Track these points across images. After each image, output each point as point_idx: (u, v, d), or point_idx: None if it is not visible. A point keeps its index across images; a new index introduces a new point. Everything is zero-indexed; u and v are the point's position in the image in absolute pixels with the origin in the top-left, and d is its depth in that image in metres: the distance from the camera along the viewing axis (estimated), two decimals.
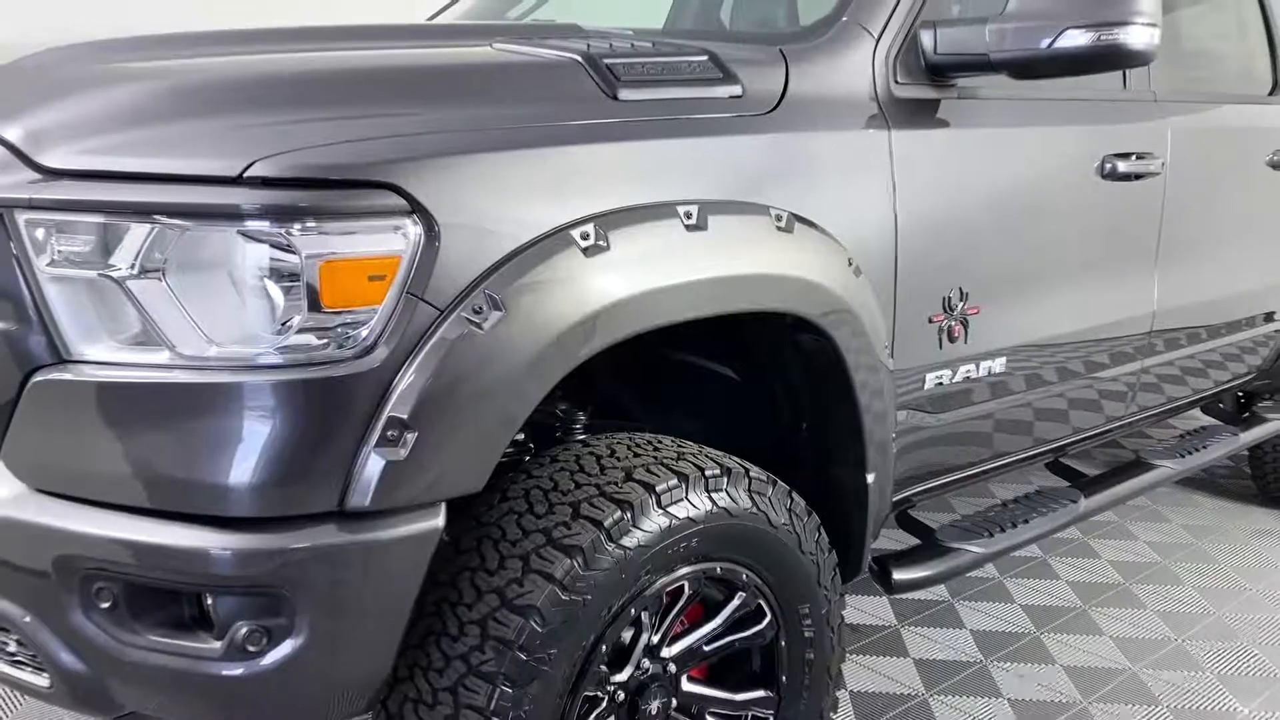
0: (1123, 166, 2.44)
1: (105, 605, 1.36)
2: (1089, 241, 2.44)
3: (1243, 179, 3.00)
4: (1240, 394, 3.71)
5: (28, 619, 1.41)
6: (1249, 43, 3.24)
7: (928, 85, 2.03)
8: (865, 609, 3.03)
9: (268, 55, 1.64)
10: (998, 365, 2.22)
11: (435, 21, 2.59)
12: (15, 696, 2.41)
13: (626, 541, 1.53)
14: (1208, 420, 3.56)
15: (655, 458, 1.66)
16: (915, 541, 2.35)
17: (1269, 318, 3.38)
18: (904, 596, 3.10)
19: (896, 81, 1.98)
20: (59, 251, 1.33)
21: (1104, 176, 2.42)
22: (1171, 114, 2.65)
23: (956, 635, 2.91)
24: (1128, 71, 2.55)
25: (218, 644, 1.35)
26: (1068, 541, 3.59)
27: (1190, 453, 3.02)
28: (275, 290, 1.30)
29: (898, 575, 2.17)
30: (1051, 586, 3.24)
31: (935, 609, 3.06)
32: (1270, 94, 3.22)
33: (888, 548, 2.30)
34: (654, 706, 1.72)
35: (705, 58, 1.76)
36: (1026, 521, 2.42)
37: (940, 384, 2.11)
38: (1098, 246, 2.47)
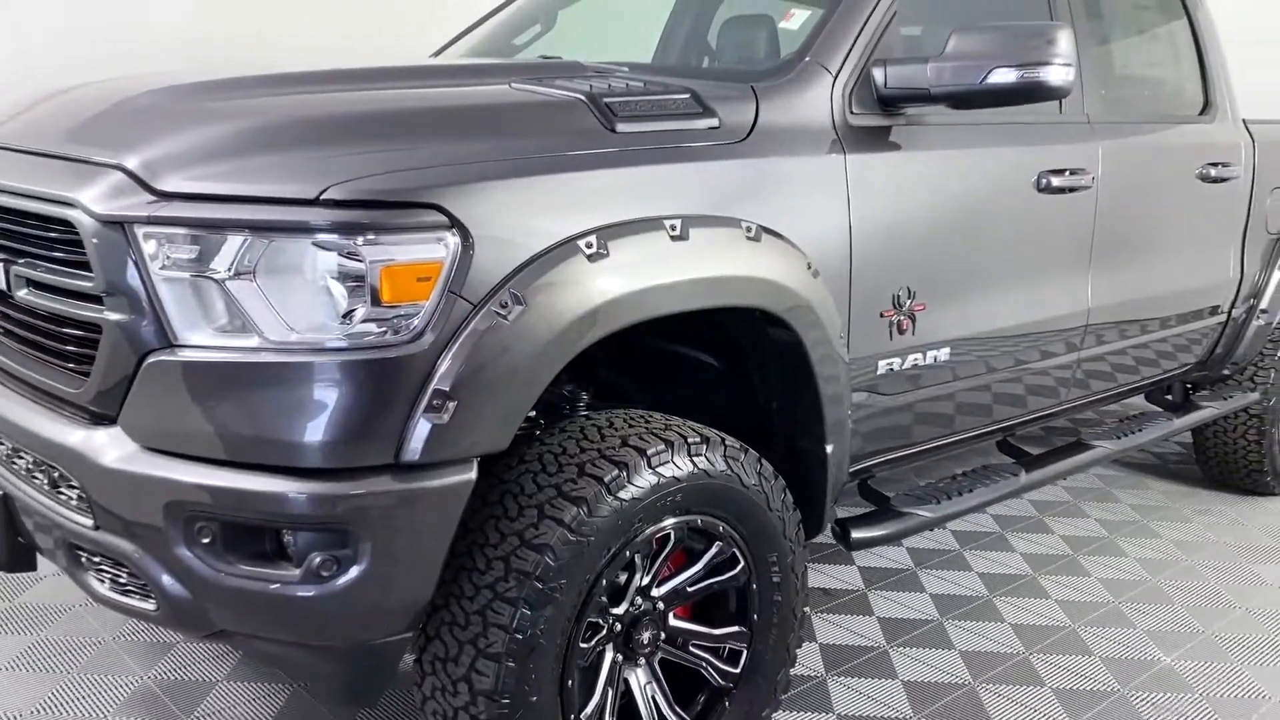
0: (1056, 181, 2.80)
1: (205, 541, 1.70)
2: (1026, 246, 2.79)
3: (1173, 191, 3.35)
4: (1188, 384, 4.07)
5: (140, 554, 1.75)
6: (1182, 68, 3.59)
7: (879, 114, 2.38)
8: (837, 575, 3.38)
9: (333, 95, 1.99)
10: (942, 354, 2.57)
11: (458, 60, 2.92)
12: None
13: (623, 494, 1.87)
14: (1148, 407, 3.92)
15: (646, 428, 2.00)
16: (874, 508, 2.70)
17: (1214, 311, 3.73)
18: (873, 565, 3.46)
19: (852, 112, 2.34)
20: (169, 258, 1.67)
21: (1039, 190, 2.77)
22: (1102, 135, 3.00)
23: (917, 598, 3.26)
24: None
25: (296, 571, 1.69)
26: (1024, 518, 3.95)
27: (1126, 435, 3.37)
28: (344, 289, 1.64)
29: (856, 534, 2.52)
30: (1005, 557, 3.59)
31: (900, 575, 3.41)
32: (1200, 114, 3.57)
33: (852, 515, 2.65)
34: (645, 637, 2.07)
35: (688, 95, 2.11)
36: (972, 491, 2.78)
37: (891, 370, 2.46)
38: (1034, 251, 2.82)
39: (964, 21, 2.41)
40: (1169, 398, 4.03)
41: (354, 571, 1.68)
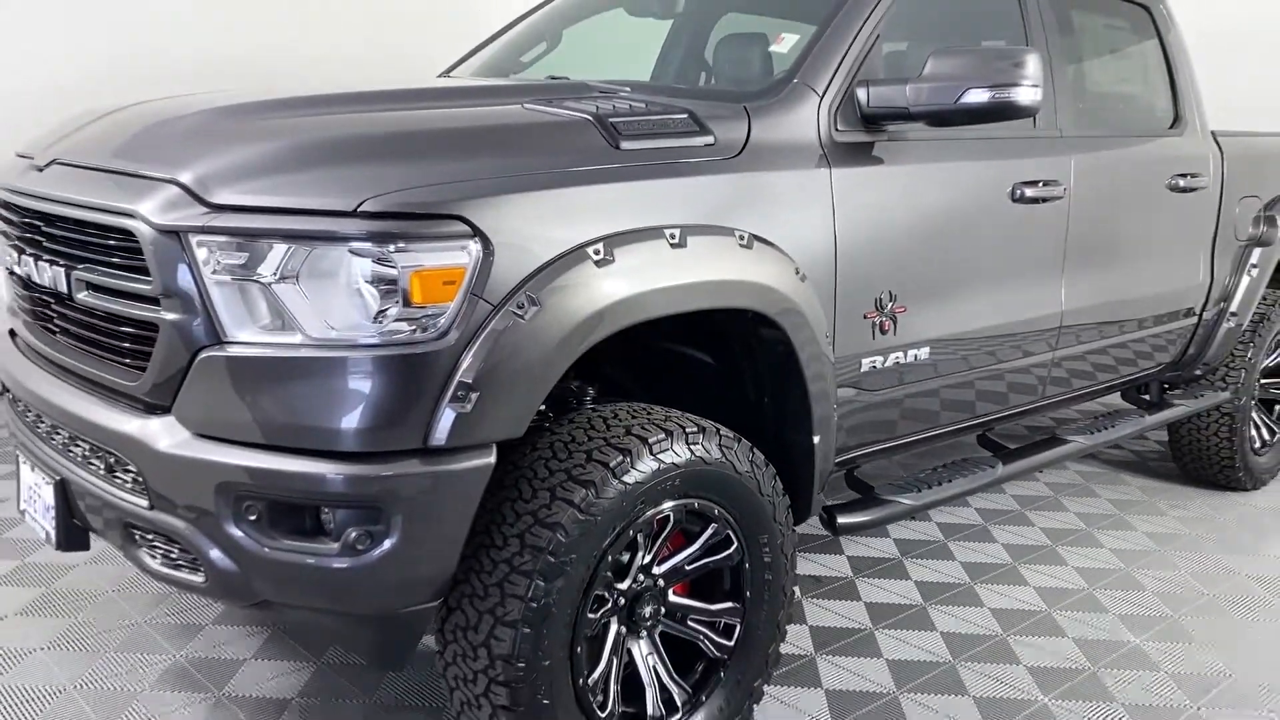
0: (1030, 192, 2.99)
1: (252, 518, 1.89)
2: (1001, 253, 2.99)
3: (1144, 200, 3.55)
4: (1165, 384, 4.26)
5: (191, 531, 1.94)
6: (1152, 84, 3.79)
7: (862, 131, 2.58)
8: (827, 564, 3.57)
9: (365, 115, 2.18)
10: (922, 353, 2.77)
11: (475, 82, 3.10)
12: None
13: (626, 478, 2.06)
14: (1122, 404, 4.11)
15: (648, 419, 2.19)
16: (859, 496, 2.89)
17: (1186, 314, 3.93)
18: (861, 555, 3.65)
19: (837, 129, 2.53)
20: (220, 263, 1.86)
21: (1014, 200, 2.97)
22: (1074, 148, 3.20)
23: (902, 585, 3.45)
24: (1038, 114, 3.09)
25: (334, 545, 1.87)
26: (1006, 512, 4.14)
27: (1099, 431, 3.57)
28: (378, 291, 1.83)
29: (841, 520, 2.71)
30: (987, 548, 3.78)
31: (886, 564, 3.60)
32: (1170, 128, 3.77)
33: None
34: (647, 611, 2.26)
35: (686, 115, 2.30)
36: (951, 481, 2.97)
37: (874, 368, 2.66)
38: (1009, 257, 3.01)
39: (943, 41, 2.61)
40: (1146, 397, 4.23)
41: (386, 545, 1.86)
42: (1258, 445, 4.50)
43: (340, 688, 2.72)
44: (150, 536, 2.05)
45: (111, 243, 1.99)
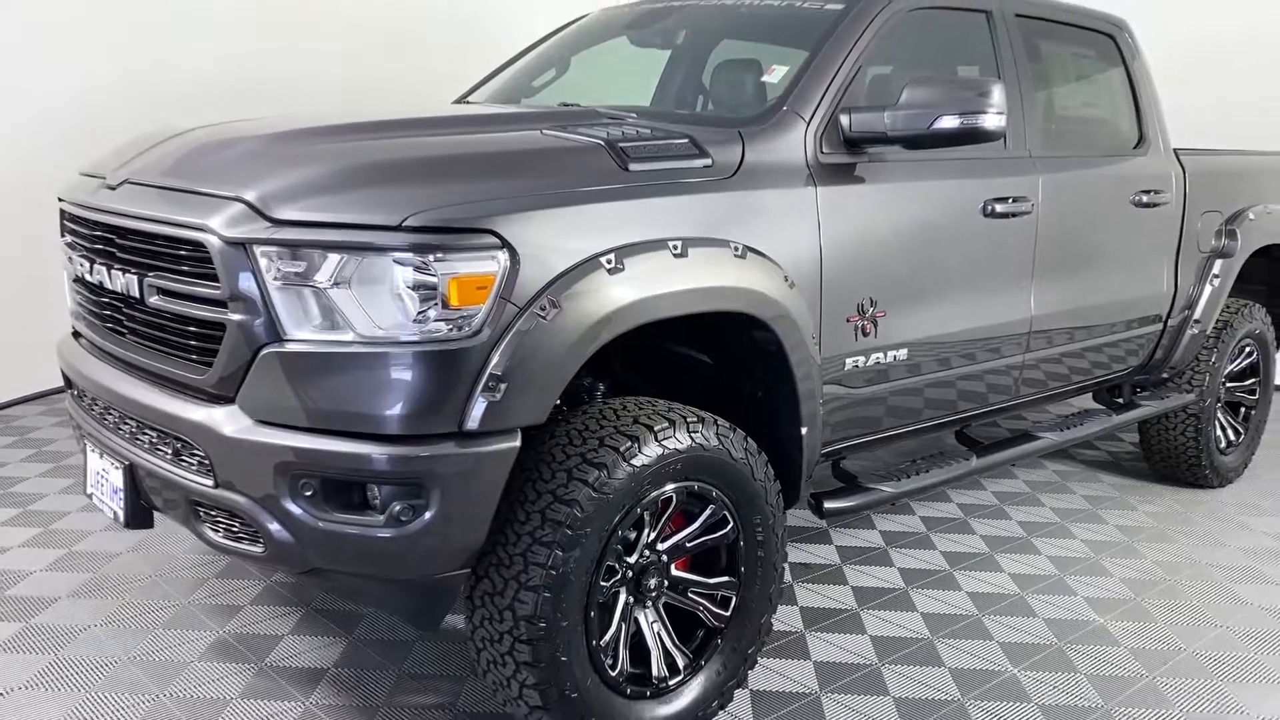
0: (1000, 208, 3.28)
1: (308, 494, 2.16)
2: (974, 263, 3.26)
3: (1109, 215, 3.84)
4: (1135, 386, 4.53)
5: (252, 506, 2.20)
6: (1118, 108, 4.08)
7: (845, 153, 2.86)
8: (817, 553, 3.84)
9: (406, 140, 2.46)
10: (901, 354, 3.04)
11: (499, 109, 3.38)
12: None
13: (634, 462, 2.33)
14: (1092, 404, 4.39)
15: (654, 410, 2.46)
16: (843, 485, 3.16)
17: (1152, 320, 4.21)
18: (849, 545, 3.91)
19: (822, 151, 2.81)
20: (280, 271, 2.13)
21: (986, 215, 3.25)
22: (1042, 168, 3.49)
23: (887, 571, 3.71)
24: (1008, 135, 3.38)
25: (380, 517, 2.14)
26: (986, 507, 4.41)
27: (1069, 428, 3.84)
28: (419, 295, 2.10)
29: (828, 505, 2.99)
30: (967, 539, 4.05)
31: (872, 552, 3.87)
32: (1135, 148, 4.06)
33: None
34: (652, 583, 2.52)
35: (686, 140, 2.58)
36: (928, 472, 3.25)
37: (857, 366, 2.93)
38: (981, 267, 3.29)
39: (923, 68, 2.88)
40: (1119, 400, 4.50)
41: (425, 517, 2.13)
42: (1223, 445, 4.78)
43: (370, 659, 2.98)
44: (214, 512, 2.32)
45: (182, 253, 2.26)
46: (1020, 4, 3.61)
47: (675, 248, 2.39)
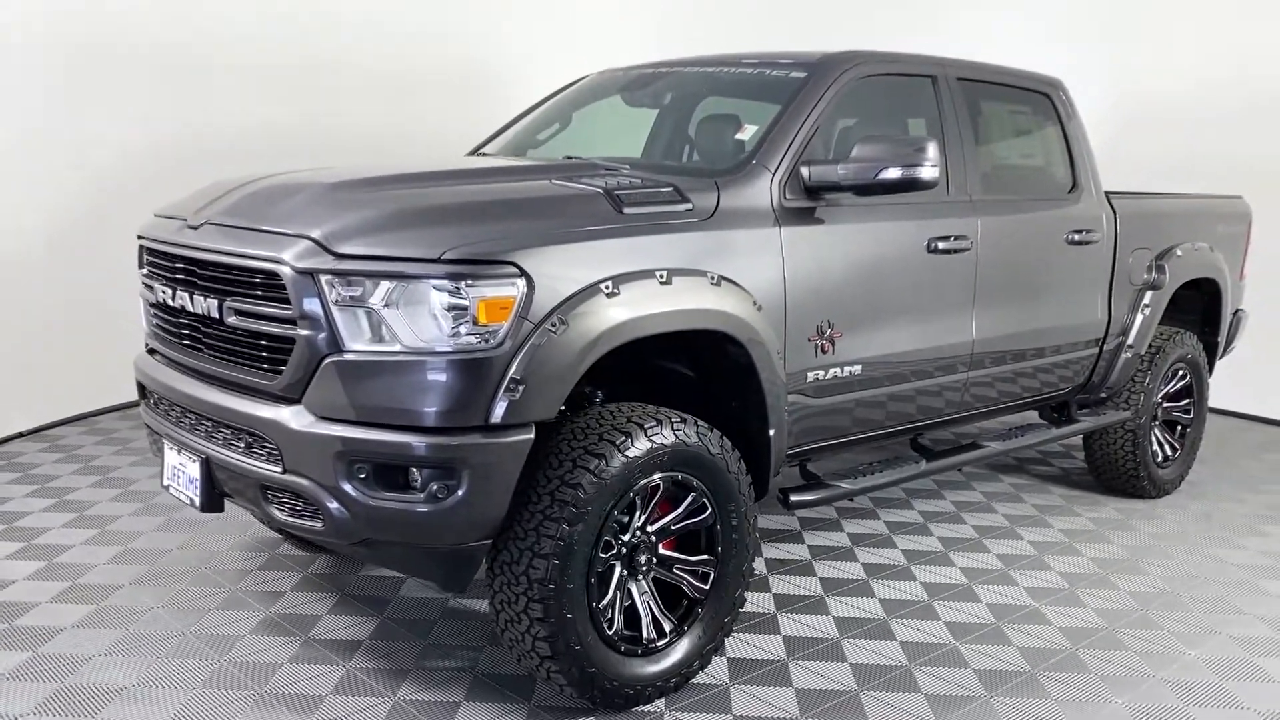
0: (943, 245, 3.80)
1: (361, 477, 2.64)
2: (920, 292, 3.78)
3: (1043, 252, 4.37)
4: (1079, 404, 5.03)
5: (314, 488, 2.68)
6: (1054, 158, 4.63)
7: (806, 199, 3.39)
8: (790, 551, 4.32)
9: (441, 189, 2.98)
10: (856, 369, 3.55)
11: (516, 162, 3.91)
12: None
13: (628, 453, 2.81)
14: (1036, 420, 4.90)
15: (644, 412, 2.95)
16: (807, 482, 3.66)
17: (1088, 345, 4.72)
18: (819, 544, 4.39)
19: (786, 198, 3.34)
20: (341, 294, 2.63)
21: (930, 252, 3.77)
22: (982, 211, 4.02)
23: (851, 565, 4.19)
24: (950, 183, 3.91)
25: (420, 495, 2.62)
26: (944, 513, 4.90)
27: (1011, 438, 4.35)
28: (453, 315, 2.59)
29: (794, 498, 3.48)
30: (925, 540, 4.53)
31: (839, 550, 4.35)
32: (1069, 193, 4.60)
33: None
34: (642, 559, 3.00)
35: (671, 188, 3.11)
36: (882, 472, 3.75)
37: (817, 379, 3.43)
38: (926, 296, 3.81)
39: (878, 121, 3.41)
40: (1060, 416, 5.00)
41: (458, 495, 2.61)
42: (1160, 459, 5.28)
43: (399, 633, 3.45)
44: (281, 494, 2.80)
45: (258, 281, 2.76)
46: (962, 69, 4.17)
47: (661, 276, 2.90)
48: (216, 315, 2.88)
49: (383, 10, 7.16)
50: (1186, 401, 5.41)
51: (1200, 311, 5.54)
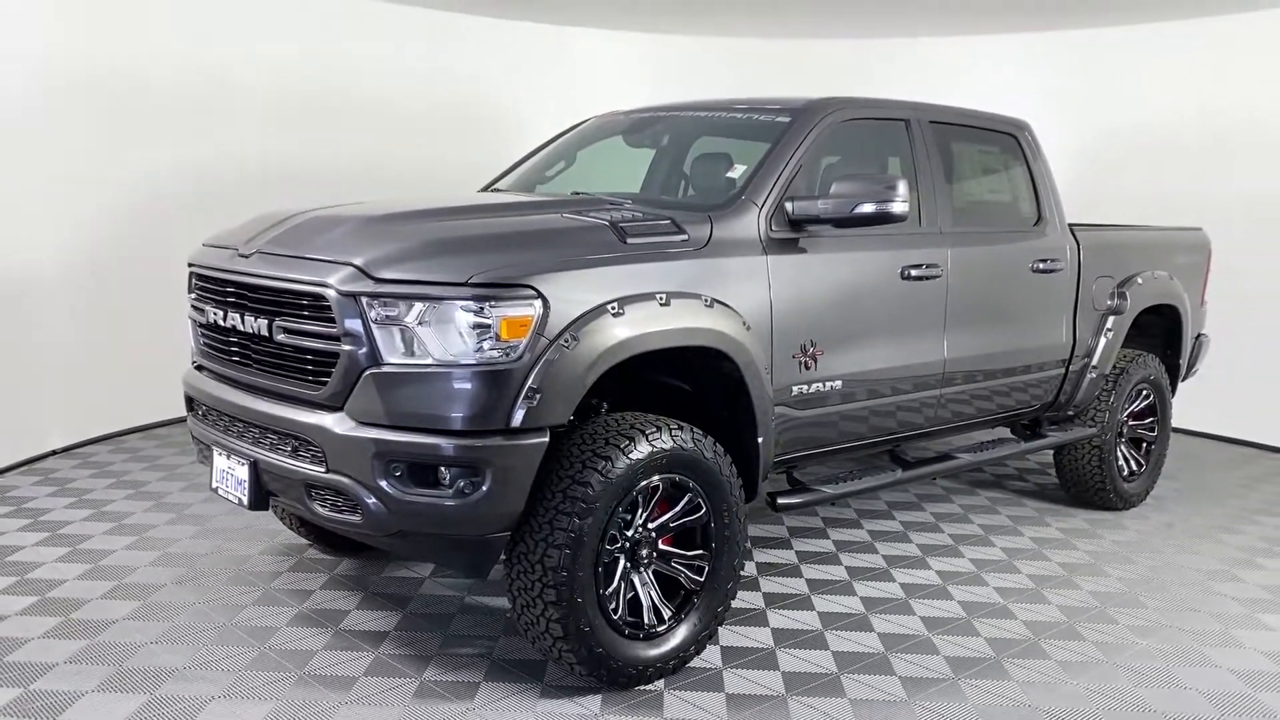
0: (915, 273, 4.18)
1: (396, 474, 2.99)
2: (894, 315, 4.16)
3: (1010, 280, 4.75)
4: (1050, 421, 5.39)
5: (354, 485, 3.03)
6: (1020, 194, 5.03)
7: (790, 230, 3.77)
8: (780, 555, 4.66)
9: (467, 222, 3.37)
10: (837, 384, 3.91)
11: (532, 198, 4.30)
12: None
13: (631, 456, 3.17)
14: (1008, 435, 5.26)
15: (645, 420, 3.31)
16: (793, 487, 4.01)
17: (1055, 365, 5.08)
18: (806, 549, 4.74)
19: (772, 229, 3.72)
20: (380, 314, 3.00)
21: (903, 279, 4.15)
22: (952, 242, 4.41)
23: (836, 568, 4.53)
24: (923, 216, 4.30)
25: (449, 491, 2.97)
26: (923, 524, 5.24)
27: (981, 451, 4.71)
28: (478, 332, 2.96)
29: (780, 501, 3.84)
30: (905, 547, 4.88)
31: (825, 555, 4.69)
32: (1035, 225, 5.00)
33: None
34: (644, 553, 3.34)
35: (669, 221, 3.49)
36: (861, 479, 4.11)
37: (801, 393, 3.80)
38: (900, 318, 4.18)
39: (856, 159, 3.80)
40: (1029, 431, 5.35)
41: (482, 490, 2.96)
42: (1127, 474, 5.63)
43: (422, 625, 3.78)
44: (323, 492, 3.14)
45: (305, 303, 3.13)
46: (934, 112, 4.58)
47: (661, 299, 3.27)
48: (266, 334, 3.24)
49: (391, 54, 7.62)
50: (1151, 420, 5.77)
51: (1163, 335, 5.92)
